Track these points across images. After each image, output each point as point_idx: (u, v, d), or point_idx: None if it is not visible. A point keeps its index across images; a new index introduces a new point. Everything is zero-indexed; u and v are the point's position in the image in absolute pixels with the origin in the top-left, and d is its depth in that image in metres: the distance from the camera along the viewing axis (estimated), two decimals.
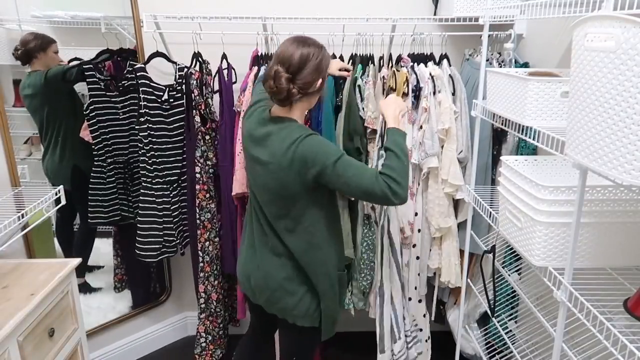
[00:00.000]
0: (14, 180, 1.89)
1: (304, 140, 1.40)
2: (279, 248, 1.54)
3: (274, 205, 1.50)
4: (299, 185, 1.43)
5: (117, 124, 2.20)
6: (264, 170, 1.46)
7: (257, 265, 1.58)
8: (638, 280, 1.27)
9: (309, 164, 1.38)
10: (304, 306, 1.56)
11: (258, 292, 1.60)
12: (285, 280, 1.54)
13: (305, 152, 1.38)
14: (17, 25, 1.95)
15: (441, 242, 2.14)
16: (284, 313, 1.58)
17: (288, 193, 1.45)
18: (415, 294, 2.20)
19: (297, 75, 1.40)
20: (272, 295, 1.56)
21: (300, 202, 1.46)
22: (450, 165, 2.01)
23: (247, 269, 1.62)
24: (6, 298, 1.48)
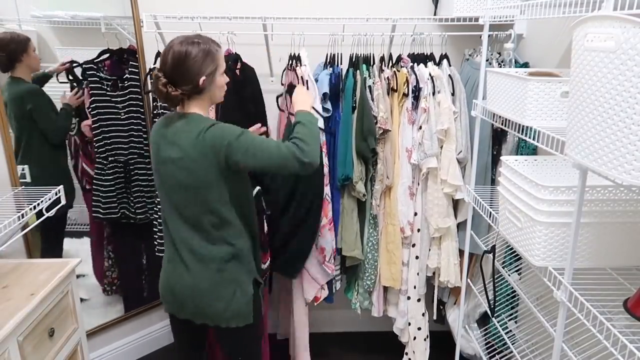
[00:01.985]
0: (14, 180, 1.89)
1: (209, 129, 1.41)
2: (203, 250, 1.49)
3: (192, 203, 1.46)
4: (214, 174, 1.42)
5: (118, 124, 2.20)
6: (177, 167, 1.43)
7: (179, 275, 1.52)
8: (638, 280, 1.27)
9: (217, 147, 1.39)
10: (236, 305, 1.54)
11: (184, 305, 1.54)
12: (212, 284, 1.51)
13: (213, 137, 1.40)
14: (17, 25, 1.95)
15: (440, 242, 2.14)
16: (216, 320, 1.53)
17: (204, 184, 1.43)
18: (415, 293, 2.20)
19: (173, 78, 1.40)
20: (200, 303, 1.52)
21: (217, 189, 1.45)
22: (449, 166, 2.01)
23: (170, 283, 1.55)
24: (6, 298, 1.48)
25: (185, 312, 1.56)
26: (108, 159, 2.20)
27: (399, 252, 2.14)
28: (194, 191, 1.45)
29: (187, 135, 1.42)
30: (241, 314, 1.55)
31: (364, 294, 2.24)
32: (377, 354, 2.57)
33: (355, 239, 2.10)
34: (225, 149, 1.39)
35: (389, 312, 2.29)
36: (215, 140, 1.39)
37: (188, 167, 1.42)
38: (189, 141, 1.41)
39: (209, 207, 1.47)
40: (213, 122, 1.44)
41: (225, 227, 1.50)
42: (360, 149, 2.00)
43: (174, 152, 1.43)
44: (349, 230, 2.10)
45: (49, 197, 1.71)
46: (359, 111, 2.01)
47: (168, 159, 1.45)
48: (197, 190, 1.44)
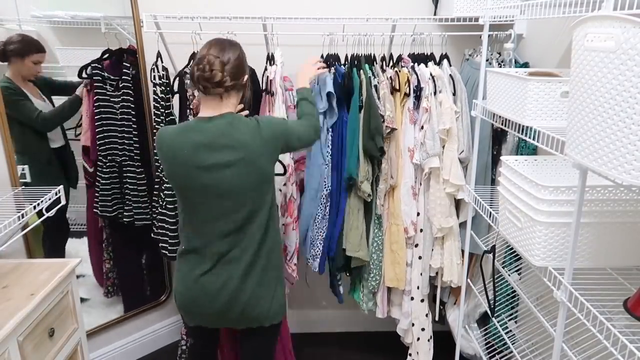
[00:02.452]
0: (13, 180, 1.89)
1: (260, 121, 1.49)
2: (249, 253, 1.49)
3: (247, 204, 1.46)
4: (272, 165, 1.52)
5: (115, 124, 2.20)
6: (238, 168, 1.42)
7: (220, 287, 1.49)
8: (638, 280, 1.27)
9: (278, 136, 1.50)
10: (278, 302, 1.56)
11: (225, 314, 1.52)
12: (257, 285, 1.51)
13: (270, 129, 1.48)
14: (17, 25, 1.95)
15: (443, 242, 2.14)
16: (260, 320, 1.54)
17: (265, 177, 1.48)
18: (418, 293, 2.20)
19: (227, 64, 1.43)
20: (245, 308, 1.51)
21: (273, 181, 1.53)
22: (451, 165, 2.01)
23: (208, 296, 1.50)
24: (6, 298, 1.48)
25: (225, 321, 1.55)
26: (107, 157, 2.21)
27: (403, 253, 2.14)
28: (255, 188, 1.46)
29: (242, 133, 1.43)
30: (282, 307, 1.59)
31: (368, 294, 2.23)
32: (379, 355, 2.57)
33: (360, 240, 2.10)
34: (285, 137, 1.52)
35: (393, 313, 2.29)
36: (274, 131, 1.49)
37: (253, 162, 1.43)
38: (247, 137, 1.43)
39: (266, 203, 1.49)
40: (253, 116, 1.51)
41: (272, 222, 1.54)
42: (368, 148, 2.00)
43: (230, 155, 1.41)
44: (355, 231, 2.10)
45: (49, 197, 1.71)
46: (365, 110, 2.00)
47: (222, 164, 1.41)
48: (258, 187, 1.46)
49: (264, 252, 1.52)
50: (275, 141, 1.48)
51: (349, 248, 2.10)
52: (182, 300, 1.55)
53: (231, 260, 1.49)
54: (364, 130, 2.01)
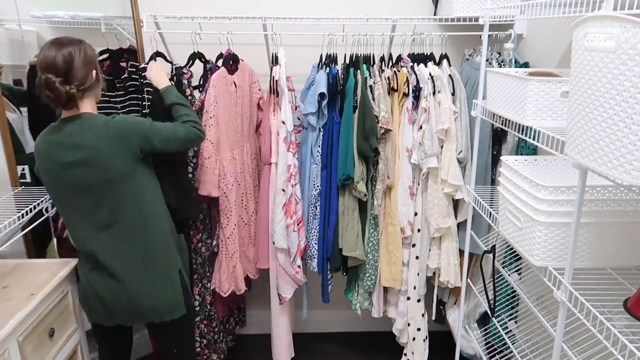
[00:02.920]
0: (14, 180, 1.89)
1: (111, 120, 1.46)
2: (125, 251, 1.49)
3: (107, 201, 1.46)
4: (128, 161, 1.46)
5: None
6: (87, 168, 1.42)
7: (104, 282, 1.50)
8: (638, 280, 1.27)
9: (130, 136, 1.46)
10: (173, 298, 1.56)
11: (113, 311, 1.52)
12: (139, 282, 1.51)
13: (120, 128, 1.45)
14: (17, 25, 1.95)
15: (440, 242, 2.14)
16: (149, 316, 1.55)
17: (119, 176, 1.45)
18: (415, 293, 2.20)
19: (68, 76, 1.39)
20: (129, 305, 1.51)
21: (134, 178, 1.48)
22: (449, 166, 2.01)
23: (96, 291, 1.51)
24: (6, 298, 1.48)
25: (115, 317, 1.55)
26: None
27: (399, 252, 2.14)
28: (108, 187, 1.44)
29: (90, 133, 1.42)
30: (175, 304, 1.57)
31: (364, 294, 2.23)
32: (376, 354, 2.57)
33: (357, 240, 2.10)
34: (141, 137, 1.47)
35: (389, 312, 2.29)
36: (124, 130, 1.45)
37: (101, 161, 1.42)
38: (93, 138, 1.42)
39: (131, 200, 1.47)
40: (110, 115, 1.49)
41: (147, 219, 1.51)
42: (362, 149, 2.00)
43: (79, 154, 1.41)
44: (350, 231, 2.10)
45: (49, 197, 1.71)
46: (360, 111, 2.01)
47: (74, 163, 1.42)
48: (111, 185, 1.44)
49: (141, 249, 1.51)
50: (124, 141, 1.45)
51: (346, 248, 2.10)
52: (80, 296, 1.59)
53: (107, 258, 1.49)
54: (358, 130, 2.01)
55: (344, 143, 2.04)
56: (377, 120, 1.99)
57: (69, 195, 1.46)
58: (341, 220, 2.11)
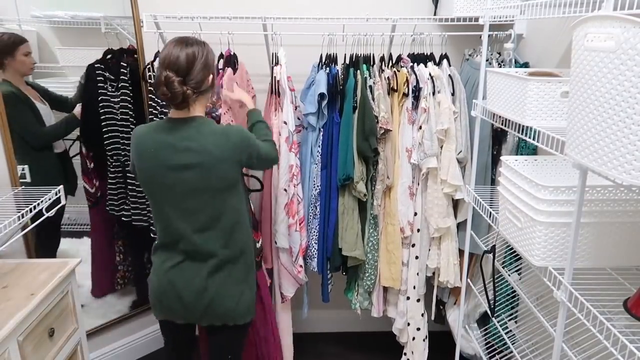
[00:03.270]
0: (14, 180, 1.89)
1: (229, 129, 1.49)
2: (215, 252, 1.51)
3: (209, 206, 1.47)
4: (236, 172, 1.50)
5: (116, 124, 2.20)
6: (197, 172, 1.43)
7: (187, 281, 1.51)
8: (638, 280, 1.27)
9: (244, 147, 1.49)
10: (245, 302, 1.57)
11: (190, 309, 1.54)
12: (222, 284, 1.53)
13: (237, 139, 1.47)
14: (17, 25, 1.95)
15: (440, 242, 2.14)
16: (225, 318, 1.56)
17: (226, 183, 1.47)
18: (414, 293, 2.20)
19: (187, 77, 1.40)
20: (209, 305, 1.53)
21: (237, 188, 1.51)
22: (449, 166, 2.01)
23: (175, 289, 1.52)
24: (6, 298, 1.48)
25: (190, 317, 1.56)
26: (113, 157, 2.22)
27: (399, 252, 2.14)
28: (214, 193, 1.46)
29: (207, 137, 1.44)
30: (249, 310, 1.59)
31: (363, 294, 2.24)
32: (376, 354, 2.57)
33: (356, 239, 2.10)
34: (249, 151, 1.50)
35: (389, 312, 2.29)
36: (240, 142, 1.48)
37: (213, 167, 1.43)
38: (211, 142, 1.43)
39: (230, 207, 1.49)
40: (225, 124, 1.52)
41: (238, 226, 1.53)
42: (362, 149, 2.00)
43: (191, 157, 1.43)
44: (350, 231, 2.10)
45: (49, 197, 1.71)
46: (359, 111, 2.01)
47: (183, 165, 1.43)
48: (218, 192, 1.46)
49: (229, 254, 1.53)
50: (238, 152, 1.47)
51: (345, 248, 2.10)
52: (153, 291, 1.58)
53: (197, 258, 1.51)
54: (357, 130, 2.01)
55: (344, 143, 2.04)
56: (377, 121, 1.99)
57: (170, 196, 1.47)
58: (341, 220, 2.11)
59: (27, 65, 1.96)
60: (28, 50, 1.95)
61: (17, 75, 1.94)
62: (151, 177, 1.48)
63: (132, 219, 2.28)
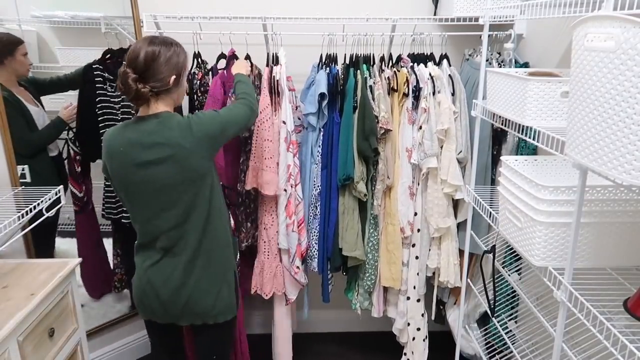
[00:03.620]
0: (14, 180, 1.89)
1: (192, 120, 1.47)
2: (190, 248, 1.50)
3: (182, 200, 1.46)
4: (207, 160, 1.49)
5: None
6: (166, 166, 1.42)
7: (164, 279, 1.51)
8: (638, 280, 1.27)
9: (214, 134, 1.48)
10: (224, 300, 1.56)
11: (169, 308, 1.53)
12: (199, 280, 1.52)
13: (204, 126, 1.47)
14: (17, 25, 1.95)
15: (440, 242, 2.14)
16: (204, 317, 1.55)
17: (197, 175, 1.46)
18: (414, 293, 2.20)
19: (144, 74, 1.40)
20: (187, 303, 1.52)
21: (207, 179, 1.50)
22: (449, 166, 2.01)
23: (154, 288, 1.52)
24: (6, 298, 1.48)
25: (170, 315, 1.56)
26: None
27: (399, 252, 2.14)
28: (187, 185, 1.45)
29: (173, 130, 1.43)
30: (229, 306, 1.58)
31: (364, 294, 2.24)
32: (376, 354, 2.57)
33: (357, 240, 2.10)
34: (221, 131, 1.50)
35: (389, 312, 2.29)
36: (207, 129, 1.47)
37: (183, 160, 1.42)
38: (177, 135, 1.42)
39: (202, 200, 1.48)
40: (186, 115, 1.50)
41: (214, 218, 1.52)
42: (362, 149, 2.00)
43: (159, 152, 1.42)
44: (351, 231, 2.10)
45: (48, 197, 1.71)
46: (360, 111, 2.01)
47: (151, 161, 1.42)
48: (191, 184, 1.45)
49: (203, 250, 1.52)
50: (209, 140, 1.47)
51: (346, 248, 2.10)
52: (135, 291, 1.58)
53: (174, 255, 1.51)
54: (358, 130, 2.01)
55: (344, 143, 2.04)
56: (377, 121, 1.99)
57: (142, 193, 1.47)
58: (341, 220, 2.11)
59: (24, 65, 1.96)
60: (25, 50, 1.94)
61: (12, 77, 1.92)
62: (123, 176, 1.47)
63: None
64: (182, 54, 1.49)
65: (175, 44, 1.47)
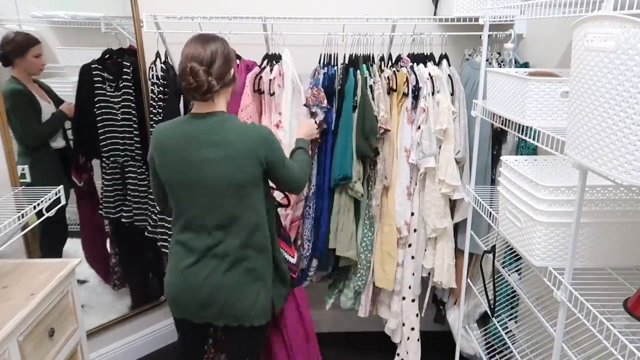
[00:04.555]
0: (14, 180, 1.89)
1: (251, 126, 1.49)
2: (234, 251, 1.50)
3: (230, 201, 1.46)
4: (256, 168, 1.47)
5: (115, 124, 2.20)
6: (220, 165, 1.43)
7: (203, 278, 1.51)
8: (638, 280, 1.27)
9: (266, 148, 1.47)
10: (260, 303, 1.56)
11: (206, 308, 1.53)
12: (239, 282, 1.52)
13: (265, 135, 1.48)
14: (17, 25, 1.95)
15: (436, 243, 2.14)
16: (241, 319, 1.54)
17: (248, 178, 1.46)
18: (410, 293, 2.20)
19: (211, 68, 1.42)
20: (225, 304, 1.52)
21: (258, 187, 1.50)
22: (447, 166, 2.01)
23: (190, 286, 1.52)
24: (6, 298, 1.48)
25: (206, 316, 1.55)
26: (110, 159, 2.21)
27: (395, 253, 2.14)
28: (236, 189, 1.46)
29: (231, 131, 1.44)
30: (265, 311, 1.58)
31: (348, 294, 2.23)
32: (368, 354, 2.56)
33: (351, 240, 2.10)
34: (273, 156, 1.49)
35: (381, 312, 2.28)
36: (268, 137, 1.48)
37: (237, 161, 1.43)
38: (235, 136, 1.44)
39: (250, 207, 1.49)
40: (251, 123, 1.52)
41: (258, 228, 1.52)
42: (362, 148, 2.00)
43: (215, 151, 1.43)
44: (345, 231, 2.09)
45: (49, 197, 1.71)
46: (359, 110, 2.00)
47: (206, 159, 1.43)
48: (240, 188, 1.46)
49: (248, 253, 1.52)
50: (261, 148, 1.46)
51: (339, 248, 2.09)
52: (169, 290, 1.57)
53: (216, 256, 1.50)
54: (357, 130, 2.01)
55: (343, 143, 2.03)
56: (377, 120, 1.99)
57: (194, 190, 1.47)
58: (336, 221, 2.10)
59: (35, 66, 1.99)
60: (39, 52, 1.98)
61: (26, 74, 1.96)
62: (175, 172, 1.48)
63: (133, 220, 2.27)
64: (230, 48, 1.52)
65: (223, 39, 1.51)
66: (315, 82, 2.03)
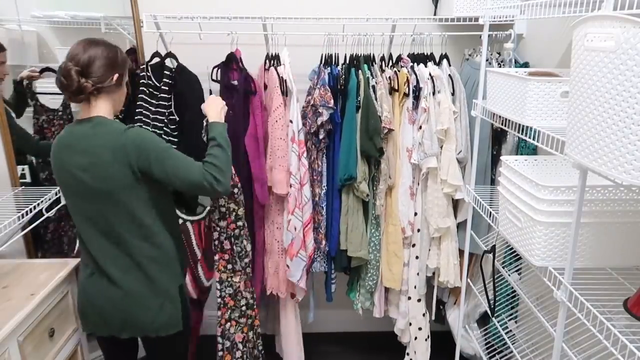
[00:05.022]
0: (14, 180, 1.89)
1: (130, 130, 1.39)
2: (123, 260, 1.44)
3: (108, 210, 1.41)
4: (130, 175, 1.38)
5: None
6: (90, 175, 1.38)
7: (104, 289, 1.45)
8: (638, 280, 1.27)
9: (141, 151, 1.37)
10: (166, 315, 1.49)
11: (108, 320, 1.47)
12: (141, 293, 1.46)
13: (136, 140, 1.38)
14: (17, 25, 1.95)
15: (440, 242, 2.14)
16: (144, 329, 1.49)
17: (119, 186, 1.38)
18: (415, 293, 2.20)
19: (87, 70, 1.37)
20: (126, 317, 1.46)
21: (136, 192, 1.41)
22: (449, 166, 2.01)
23: (92, 299, 1.47)
24: (6, 298, 1.48)
25: (109, 328, 1.49)
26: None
27: (401, 253, 2.14)
28: (108, 197, 1.39)
29: (99, 139, 1.38)
30: (170, 322, 1.51)
31: (365, 294, 2.24)
32: (378, 354, 2.57)
33: (362, 240, 2.10)
34: (149, 158, 1.37)
35: (390, 312, 2.29)
36: (139, 143, 1.37)
37: (100, 172, 1.37)
38: (101, 144, 1.37)
39: (128, 213, 1.42)
40: (128, 125, 1.42)
41: (146, 234, 1.45)
42: (366, 149, 2.00)
43: (85, 158, 1.38)
44: (356, 231, 2.10)
45: (48, 197, 1.72)
46: (363, 111, 2.00)
47: (78, 166, 1.38)
48: (112, 196, 1.39)
49: (143, 263, 1.46)
50: (130, 155, 1.36)
51: (351, 249, 2.10)
52: (78, 304, 1.53)
53: (107, 264, 1.44)
54: (361, 130, 2.01)
55: (347, 143, 2.03)
56: (380, 120, 1.99)
57: (74, 198, 1.44)
58: (345, 221, 2.11)
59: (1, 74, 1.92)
60: (4, 59, 1.92)
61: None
62: (58, 180, 1.45)
63: None
64: (122, 54, 1.46)
65: (117, 47, 1.45)
66: (322, 81, 2.03)
